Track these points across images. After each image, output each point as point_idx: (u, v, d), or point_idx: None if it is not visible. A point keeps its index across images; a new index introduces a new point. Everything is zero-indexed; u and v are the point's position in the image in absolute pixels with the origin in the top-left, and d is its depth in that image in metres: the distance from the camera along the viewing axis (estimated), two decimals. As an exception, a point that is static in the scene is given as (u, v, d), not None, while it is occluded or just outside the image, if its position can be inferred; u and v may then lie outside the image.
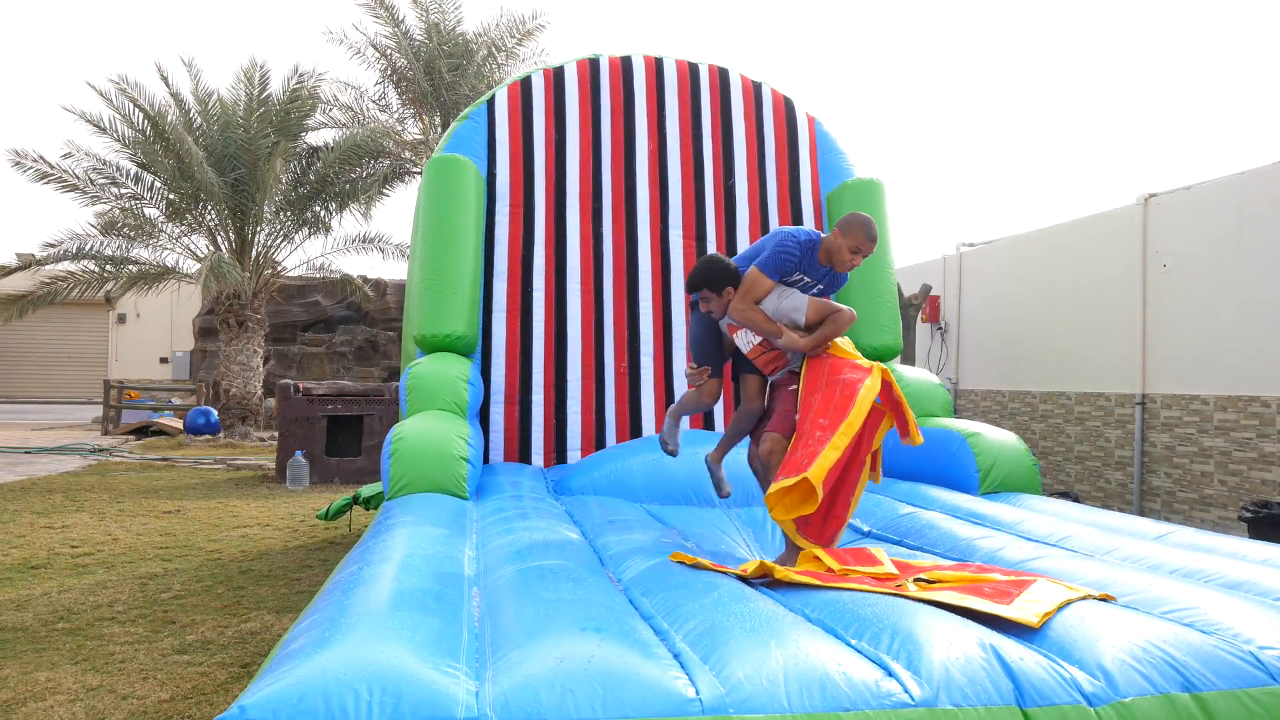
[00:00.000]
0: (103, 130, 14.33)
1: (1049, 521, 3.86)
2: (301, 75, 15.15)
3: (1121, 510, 7.99)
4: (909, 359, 10.63)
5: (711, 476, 4.10)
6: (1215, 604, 2.45)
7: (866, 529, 4.23)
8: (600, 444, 5.92)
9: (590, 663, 1.89)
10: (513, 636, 2.12)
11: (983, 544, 3.50)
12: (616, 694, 1.80)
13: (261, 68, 15.22)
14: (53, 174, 14.26)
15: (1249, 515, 5.82)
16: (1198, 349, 7.43)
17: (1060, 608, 2.41)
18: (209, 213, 15.10)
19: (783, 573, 2.82)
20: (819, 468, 3.05)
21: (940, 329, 11.33)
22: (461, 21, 16.85)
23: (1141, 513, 7.87)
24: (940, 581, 2.80)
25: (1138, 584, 2.73)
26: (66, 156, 14.39)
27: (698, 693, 1.86)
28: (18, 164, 14.04)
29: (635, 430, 5.94)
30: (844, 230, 3.65)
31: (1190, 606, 2.45)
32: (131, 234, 15.05)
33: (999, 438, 4.87)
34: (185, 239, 15.51)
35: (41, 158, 14.15)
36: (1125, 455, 8.13)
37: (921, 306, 10.91)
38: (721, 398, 6.11)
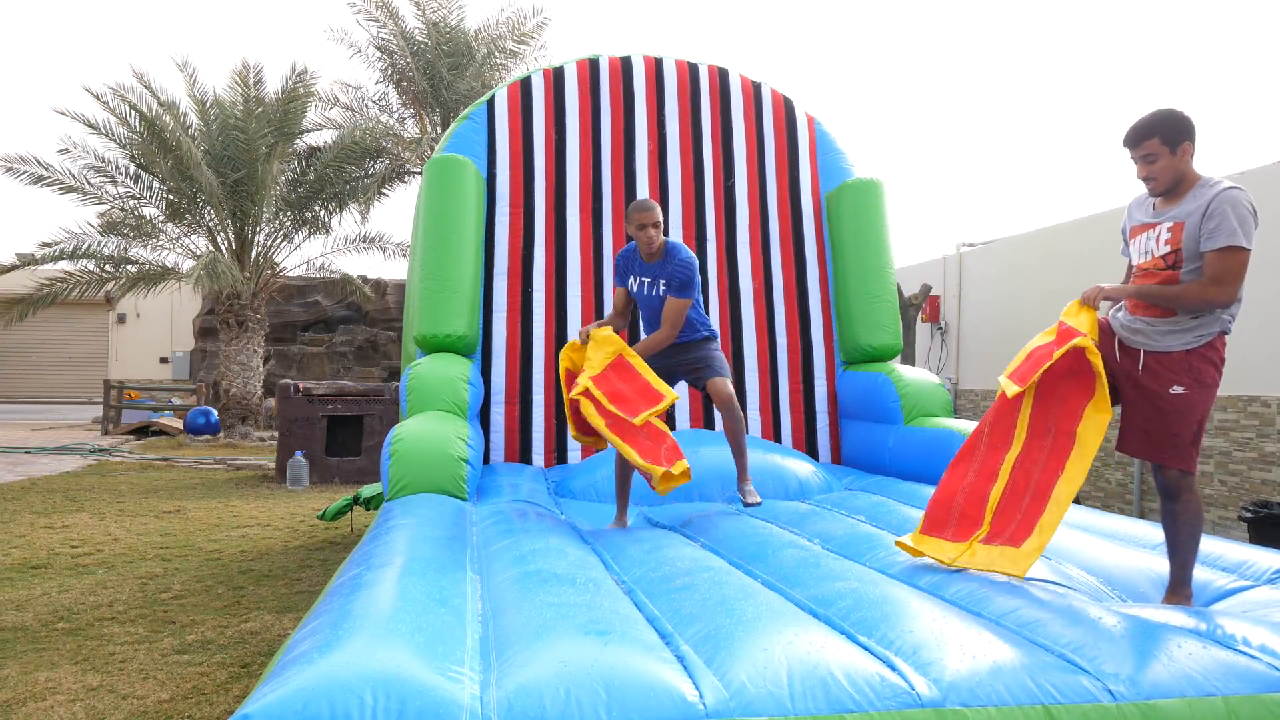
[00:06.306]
0: (99, 131, 14.27)
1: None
2: (301, 75, 15.09)
3: (1121, 510, 8.00)
4: (909, 359, 10.63)
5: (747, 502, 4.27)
6: (1228, 614, 2.43)
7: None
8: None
9: (594, 666, 1.89)
10: (516, 640, 2.12)
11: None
12: (620, 698, 1.79)
13: (257, 69, 15.18)
14: (49, 176, 14.20)
15: (1249, 515, 5.82)
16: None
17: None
18: (208, 213, 15.08)
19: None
20: None
21: (940, 329, 11.33)
22: (464, 19, 16.79)
23: (1141, 513, 7.87)
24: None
25: (1149, 588, 2.72)
26: (64, 153, 14.24)
27: (701, 696, 1.85)
28: (10, 169, 13.96)
29: (636, 431, 5.92)
30: (626, 221, 4.18)
31: (1205, 614, 2.44)
32: (131, 234, 15.01)
33: (1000, 438, 4.84)
34: (185, 239, 15.50)
35: (36, 159, 14.09)
36: (1125, 455, 8.13)
37: (921, 306, 10.90)
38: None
